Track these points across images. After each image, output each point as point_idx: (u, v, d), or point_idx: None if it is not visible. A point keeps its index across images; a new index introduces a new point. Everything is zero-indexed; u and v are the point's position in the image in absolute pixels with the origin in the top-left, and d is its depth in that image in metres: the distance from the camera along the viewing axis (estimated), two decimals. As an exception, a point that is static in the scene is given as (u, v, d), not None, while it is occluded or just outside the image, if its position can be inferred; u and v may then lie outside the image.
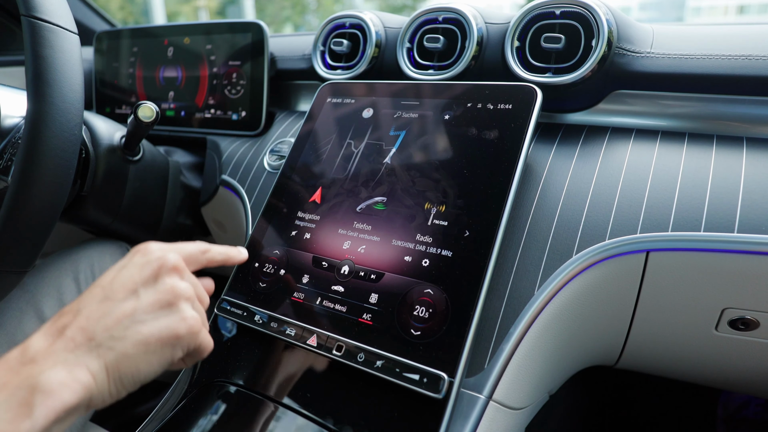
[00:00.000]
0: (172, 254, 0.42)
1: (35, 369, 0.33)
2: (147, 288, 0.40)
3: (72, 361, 0.34)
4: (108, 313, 0.37)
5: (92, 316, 0.37)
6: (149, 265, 0.41)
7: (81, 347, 0.35)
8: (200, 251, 0.47)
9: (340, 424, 0.48)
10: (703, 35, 0.61)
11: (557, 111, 0.65)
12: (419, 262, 0.52)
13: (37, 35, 0.50)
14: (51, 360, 0.34)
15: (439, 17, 0.71)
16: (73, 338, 0.36)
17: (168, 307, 0.39)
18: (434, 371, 0.45)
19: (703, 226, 0.49)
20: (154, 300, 0.39)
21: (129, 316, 0.38)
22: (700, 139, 0.56)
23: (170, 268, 0.41)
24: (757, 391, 0.69)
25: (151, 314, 0.38)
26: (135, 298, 0.39)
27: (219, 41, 0.90)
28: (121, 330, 0.37)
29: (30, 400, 0.32)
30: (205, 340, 0.43)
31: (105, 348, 0.36)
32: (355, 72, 0.76)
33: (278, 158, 0.75)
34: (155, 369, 0.39)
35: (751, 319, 0.52)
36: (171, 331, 0.39)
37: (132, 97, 1.01)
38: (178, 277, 0.42)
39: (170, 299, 0.40)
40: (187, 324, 0.40)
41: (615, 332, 0.58)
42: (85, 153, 0.70)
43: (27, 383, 0.32)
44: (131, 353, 0.37)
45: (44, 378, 0.33)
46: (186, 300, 0.41)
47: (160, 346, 0.38)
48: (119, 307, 0.38)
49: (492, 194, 0.52)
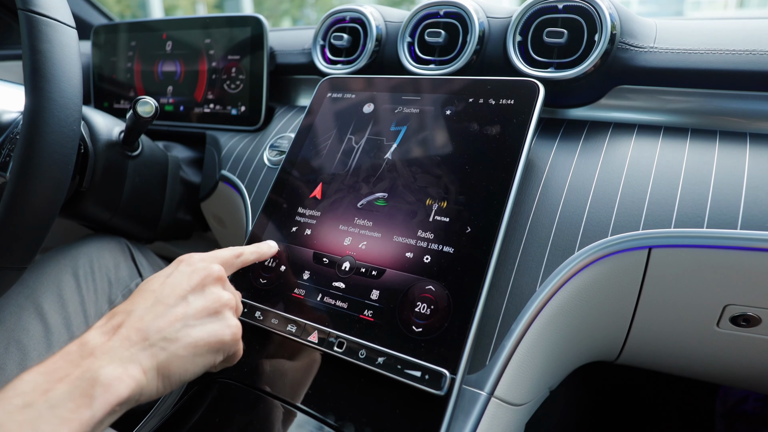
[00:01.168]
0: (216, 265, 0.46)
1: (95, 363, 0.35)
2: (195, 295, 0.43)
3: (127, 358, 0.37)
4: (161, 316, 0.40)
5: (146, 317, 0.40)
6: (196, 274, 0.44)
7: (136, 345, 0.38)
8: (234, 256, 0.50)
9: (342, 421, 0.47)
10: (707, 30, 0.60)
11: (559, 106, 0.65)
12: (421, 259, 0.52)
13: (34, 29, 0.49)
14: (108, 356, 0.36)
15: (440, 11, 0.70)
16: (129, 337, 0.38)
17: (215, 315, 0.43)
18: (436, 368, 0.45)
19: (706, 222, 0.49)
20: (202, 307, 0.42)
21: (180, 320, 0.41)
22: (703, 134, 0.56)
23: (215, 278, 0.45)
24: (756, 387, 0.69)
25: (199, 320, 0.42)
26: (185, 303, 0.42)
27: (218, 35, 0.89)
28: (173, 332, 0.40)
29: (91, 392, 0.34)
30: (241, 347, 0.46)
31: (158, 348, 0.39)
32: (356, 66, 0.76)
33: (278, 153, 0.75)
34: (200, 370, 0.41)
35: (753, 316, 0.52)
36: (218, 337, 0.42)
37: (130, 91, 1.00)
38: (222, 287, 0.45)
39: (217, 307, 0.43)
40: (231, 331, 0.43)
41: (616, 329, 0.58)
42: (84, 148, 0.69)
43: (88, 376, 0.34)
44: (181, 354, 0.39)
45: (104, 372, 0.35)
46: (230, 309, 0.44)
47: (207, 350, 0.41)
48: (171, 311, 0.41)
49: (494, 190, 0.52)
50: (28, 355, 0.63)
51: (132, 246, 0.81)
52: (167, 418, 0.53)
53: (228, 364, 0.47)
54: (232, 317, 0.44)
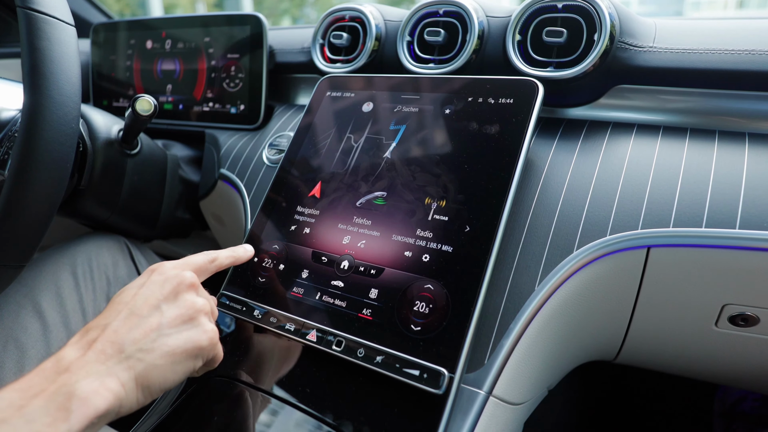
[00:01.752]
0: (188, 272, 0.46)
1: (71, 378, 0.35)
2: (169, 304, 0.43)
3: (104, 371, 0.37)
4: (135, 327, 0.40)
5: (120, 330, 0.40)
6: (168, 283, 0.44)
7: (112, 359, 0.38)
8: (209, 261, 0.50)
9: (340, 420, 0.47)
10: (706, 30, 0.60)
11: (558, 105, 0.65)
12: (419, 258, 0.52)
13: (33, 27, 0.49)
14: (84, 370, 0.36)
15: (439, 10, 0.70)
16: (104, 350, 0.38)
17: (190, 321, 0.43)
18: (434, 367, 0.45)
19: (705, 222, 0.49)
20: (176, 315, 0.42)
21: (155, 330, 0.41)
22: (702, 134, 0.56)
23: (188, 285, 0.45)
24: (754, 387, 0.69)
25: (175, 328, 0.42)
26: (159, 313, 0.42)
27: (217, 34, 0.89)
28: (149, 342, 0.40)
29: (68, 406, 0.34)
30: (220, 351, 0.47)
31: (135, 359, 0.39)
32: (355, 65, 0.75)
33: (277, 152, 0.75)
34: (179, 378, 0.42)
35: (752, 315, 0.52)
36: (194, 343, 0.42)
37: (129, 90, 1.00)
38: (195, 293, 0.45)
39: (191, 314, 0.43)
40: (208, 336, 0.43)
41: (615, 328, 0.58)
42: (83, 146, 0.69)
43: (64, 390, 0.34)
44: (159, 364, 0.40)
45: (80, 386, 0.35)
46: (204, 314, 0.44)
47: (185, 357, 0.41)
48: (145, 321, 0.41)
49: (493, 189, 0.52)
50: (26, 354, 0.62)
51: (131, 244, 0.81)
52: (165, 416, 0.53)
53: (209, 368, 0.47)
54: (207, 322, 0.44)
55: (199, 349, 0.42)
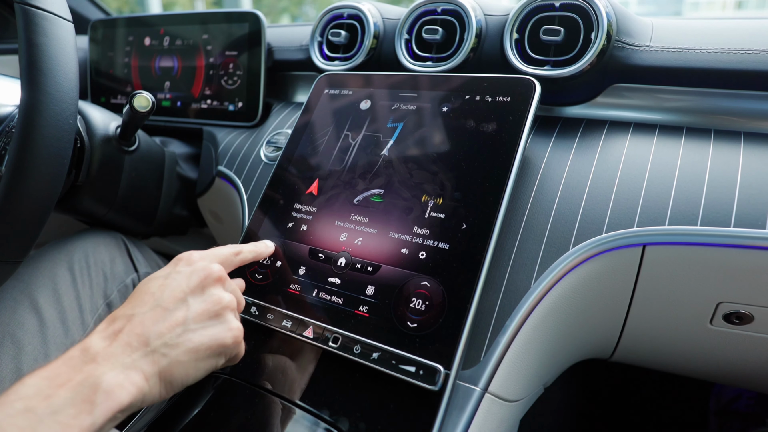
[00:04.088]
0: (216, 265, 0.45)
1: (97, 369, 0.35)
2: (195, 297, 0.42)
3: (129, 364, 0.37)
4: (160, 320, 0.39)
5: (146, 323, 0.39)
6: (196, 275, 0.43)
7: (137, 351, 0.38)
8: (233, 254, 0.50)
9: (336, 416, 0.48)
10: (703, 29, 0.60)
11: (555, 104, 0.65)
12: (416, 255, 0.52)
13: (30, 23, 0.49)
14: (110, 362, 0.36)
15: (437, 8, 0.70)
16: (130, 343, 0.38)
17: (216, 317, 0.42)
18: (430, 363, 0.45)
19: (700, 220, 0.49)
20: (203, 310, 0.41)
21: (181, 325, 0.40)
22: (697, 133, 0.56)
23: (215, 279, 0.44)
24: (749, 385, 0.70)
25: (200, 323, 0.41)
26: (185, 307, 0.41)
27: (215, 31, 0.89)
28: (174, 337, 0.39)
29: (93, 399, 0.34)
30: (242, 348, 0.46)
31: (159, 354, 0.38)
32: (353, 63, 0.76)
33: (275, 149, 0.75)
34: (202, 374, 0.41)
35: (746, 313, 0.52)
36: (219, 341, 0.41)
37: (127, 86, 1.00)
38: (222, 288, 0.44)
39: (218, 310, 0.42)
40: (233, 334, 0.43)
41: (610, 326, 0.59)
42: (80, 143, 0.69)
43: (90, 381, 0.34)
44: (183, 360, 0.39)
45: (106, 379, 0.35)
46: (231, 311, 0.43)
47: (209, 355, 0.41)
48: (171, 315, 0.40)
49: (489, 187, 0.52)
50: (23, 350, 0.62)
51: (128, 241, 0.81)
52: (162, 412, 0.53)
53: (230, 364, 0.46)
54: (233, 319, 0.43)
55: (223, 347, 0.42)
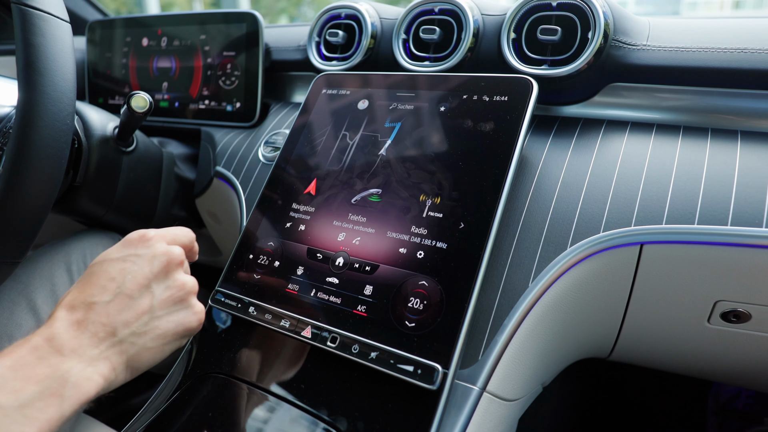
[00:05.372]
0: (177, 248, 0.45)
1: (65, 363, 0.35)
2: (159, 284, 0.42)
3: (96, 356, 0.37)
4: (126, 309, 0.40)
5: (111, 312, 0.39)
6: (158, 260, 0.43)
7: (104, 342, 0.38)
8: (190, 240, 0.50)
9: (335, 416, 0.48)
10: (699, 28, 0.61)
11: (553, 103, 0.65)
12: (414, 254, 0.52)
13: (27, 23, 0.49)
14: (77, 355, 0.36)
15: (435, 8, 0.70)
16: (96, 333, 0.38)
17: (180, 303, 0.43)
18: (428, 363, 0.45)
19: (697, 218, 0.49)
20: (168, 296, 0.42)
21: (147, 313, 0.40)
22: (694, 132, 0.56)
23: (177, 264, 0.44)
24: (747, 383, 0.70)
25: (166, 309, 0.42)
26: (150, 294, 0.41)
27: (213, 31, 0.89)
28: (141, 326, 0.40)
29: (61, 392, 0.34)
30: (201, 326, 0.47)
31: (127, 343, 0.39)
32: (351, 63, 0.76)
33: (273, 150, 0.75)
34: (166, 356, 0.43)
35: (743, 312, 0.52)
36: (186, 325, 0.43)
37: (125, 87, 1.00)
38: (183, 271, 0.45)
39: (182, 295, 0.43)
40: (197, 317, 0.44)
41: (608, 324, 0.59)
42: (78, 143, 0.69)
43: (57, 375, 0.35)
44: (150, 346, 0.40)
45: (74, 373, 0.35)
46: (194, 294, 0.44)
47: (175, 338, 0.42)
48: (137, 303, 0.40)
49: (487, 186, 0.52)
50: (21, 350, 0.62)
51: (126, 242, 0.81)
52: (160, 412, 0.53)
53: None
54: (196, 302, 0.44)
55: (188, 331, 0.43)
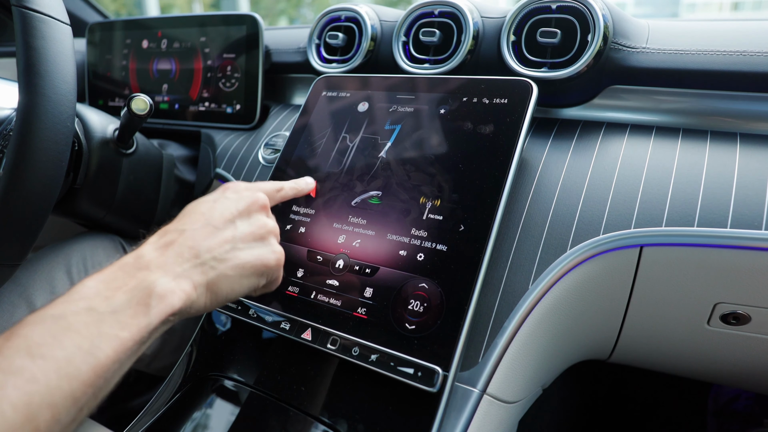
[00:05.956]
0: (261, 194, 0.48)
1: (150, 276, 0.37)
2: (243, 220, 0.45)
3: (180, 273, 0.39)
4: (210, 237, 0.42)
5: (197, 237, 0.41)
6: (243, 201, 0.46)
7: (188, 262, 0.40)
8: (276, 190, 0.52)
9: (335, 418, 0.48)
10: (699, 31, 0.61)
11: (553, 106, 0.65)
12: (414, 257, 0.52)
13: (28, 26, 0.49)
14: (162, 270, 0.38)
15: (435, 11, 0.70)
16: (181, 254, 0.40)
17: (261, 240, 0.45)
18: (429, 365, 0.45)
19: (697, 221, 0.49)
20: (249, 231, 0.44)
21: (229, 242, 0.42)
22: (694, 134, 0.56)
23: (260, 206, 0.47)
24: (747, 385, 0.70)
25: (247, 243, 0.44)
26: (233, 227, 0.44)
27: (213, 34, 0.89)
28: (223, 253, 0.42)
29: (148, 301, 0.36)
30: (281, 274, 0.48)
31: (208, 266, 0.41)
32: (351, 65, 0.76)
33: (273, 152, 0.75)
34: (244, 291, 0.44)
35: (743, 314, 0.52)
36: (263, 261, 0.44)
37: (125, 89, 1.00)
38: (266, 215, 0.47)
39: (263, 233, 0.45)
40: (276, 256, 0.45)
41: (608, 327, 0.59)
42: (78, 146, 0.69)
43: (144, 286, 0.37)
44: (229, 274, 0.41)
45: (159, 284, 0.37)
46: (274, 235, 0.47)
47: (253, 272, 0.43)
48: (221, 233, 0.43)
49: (487, 189, 0.52)
50: (21, 353, 0.62)
51: (126, 244, 0.81)
52: (161, 414, 0.53)
53: (267, 290, 0.49)
54: (276, 243, 0.46)
55: (266, 267, 0.44)
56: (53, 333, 0.32)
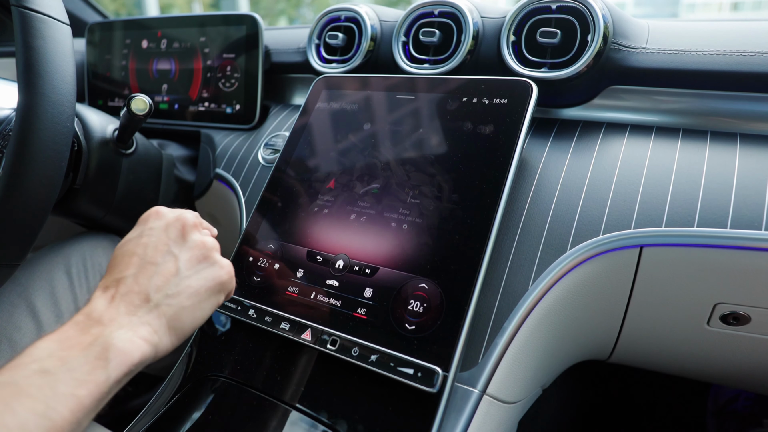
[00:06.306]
0: (189, 212, 0.46)
1: (105, 330, 0.36)
2: (179, 247, 0.43)
3: (135, 322, 0.38)
4: (154, 275, 0.40)
5: (141, 280, 0.40)
6: (172, 227, 0.44)
7: (140, 308, 0.39)
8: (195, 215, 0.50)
9: (335, 419, 0.48)
10: (698, 31, 0.61)
11: (552, 106, 0.65)
12: (414, 257, 0.52)
13: (27, 26, 0.49)
14: (116, 322, 0.37)
15: (434, 11, 0.70)
16: (131, 302, 0.39)
17: (205, 260, 0.43)
18: (428, 365, 0.45)
19: (697, 221, 0.49)
20: (190, 256, 0.43)
21: (175, 275, 0.41)
22: (694, 135, 0.56)
23: (192, 225, 0.45)
24: (746, 385, 0.70)
25: (193, 269, 0.42)
26: (172, 257, 0.42)
27: (213, 34, 0.89)
28: (173, 287, 0.40)
29: (106, 356, 0.35)
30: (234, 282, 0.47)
31: (164, 306, 0.39)
32: (351, 66, 0.76)
33: (273, 152, 0.75)
34: (207, 314, 0.43)
35: (743, 314, 0.52)
36: (216, 279, 0.43)
37: (125, 89, 1.00)
38: (199, 233, 0.45)
39: (204, 253, 0.44)
40: (226, 270, 0.45)
41: (608, 327, 0.59)
42: (78, 146, 0.69)
43: (100, 341, 0.35)
44: (187, 305, 0.40)
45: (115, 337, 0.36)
46: (216, 251, 0.45)
47: (210, 294, 0.42)
48: (162, 268, 0.41)
49: (487, 189, 0.52)
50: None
51: (125, 244, 0.81)
52: (160, 415, 0.53)
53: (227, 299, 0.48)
54: (220, 258, 0.45)
55: (221, 285, 0.43)
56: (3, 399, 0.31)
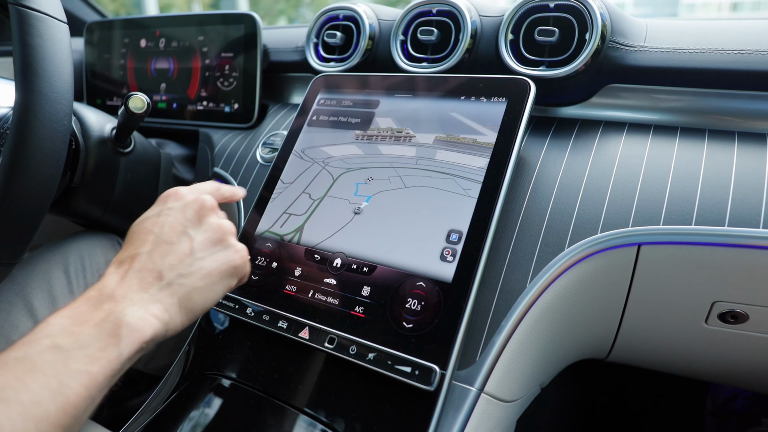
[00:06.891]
0: (207, 196, 0.46)
1: (117, 306, 0.36)
2: (195, 228, 0.43)
3: (147, 299, 0.38)
4: (168, 254, 0.41)
5: (155, 258, 0.40)
6: (190, 207, 0.44)
7: (153, 286, 0.39)
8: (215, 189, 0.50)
9: (332, 417, 0.48)
10: (697, 30, 0.61)
11: (550, 104, 0.65)
12: (412, 254, 0.52)
13: (25, 24, 0.49)
14: (128, 299, 0.37)
15: (433, 9, 0.70)
16: (144, 278, 0.39)
17: (220, 243, 0.43)
18: (426, 364, 0.45)
19: (694, 219, 0.49)
20: (205, 238, 0.43)
21: (189, 255, 0.41)
22: (692, 133, 0.56)
23: (209, 209, 0.45)
24: (745, 384, 0.70)
25: (207, 251, 0.42)
26: (188, 238, 0.42)
27: (211, 33, 0.89)
28: (186, 267, 0.40)
29: (117, 332, 0.35)
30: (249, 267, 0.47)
31: (176, 285, 0.39)
32: (349, 64, 0.76)
33: (271, 151, 0.75)
34: (219, 296, 0.43)
35: (741, 312, 0.52)
36: (230, 263, 0.43)
37: (123, 88, 1.00)
38: (216, 216, 0.45)
39: (220, 236, 0.44)
40: (240, 255, 0.44)
41: (606, 325, 0.59)
42: (76, 144, 0.69)
43: (112, 318, 0.35)
44: (199, 285, 0.40)
45: (127, 314, 0.36)
46: (232, 234, 0.45)
47: (222, 277, 0.43)
48: (177, 248, 0.41)
49: (485, 187, 0.52)
50: (18, 352, 0.62)
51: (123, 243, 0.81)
52: (157, 414, 0.53)
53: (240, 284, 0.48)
54: (235, 241, 0.45)
55: (234, 269, 0.43)
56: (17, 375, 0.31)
